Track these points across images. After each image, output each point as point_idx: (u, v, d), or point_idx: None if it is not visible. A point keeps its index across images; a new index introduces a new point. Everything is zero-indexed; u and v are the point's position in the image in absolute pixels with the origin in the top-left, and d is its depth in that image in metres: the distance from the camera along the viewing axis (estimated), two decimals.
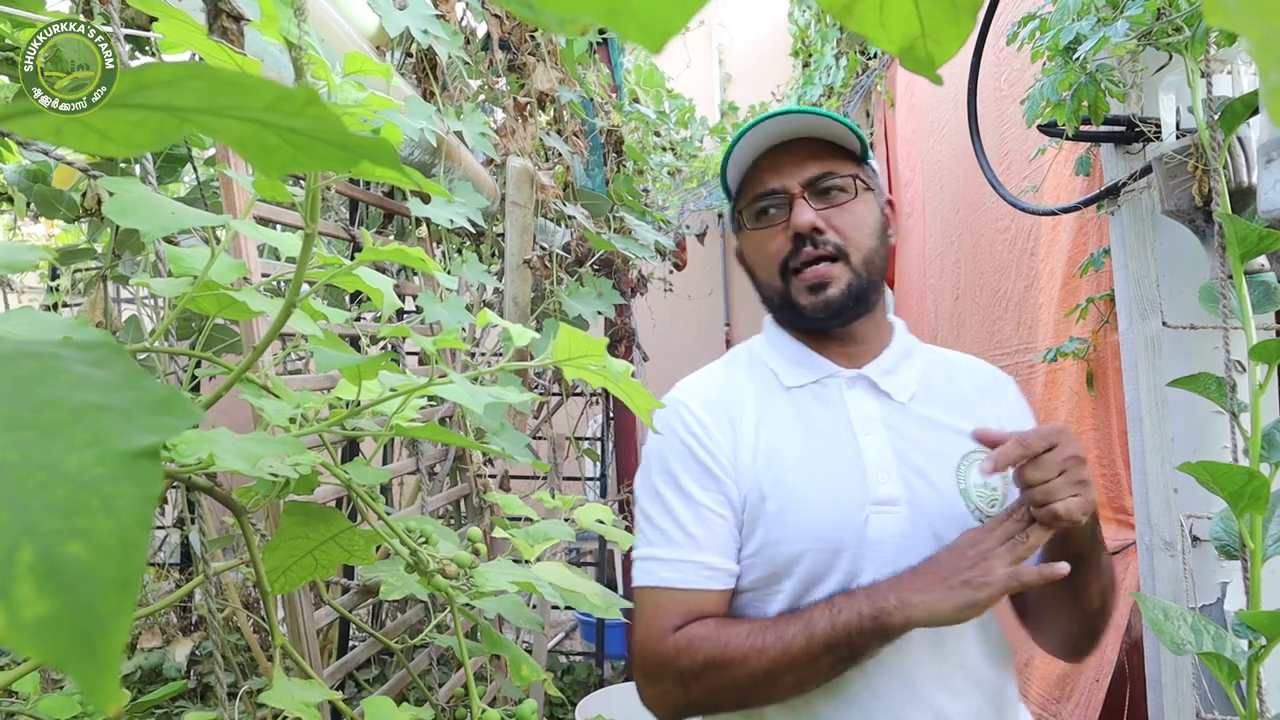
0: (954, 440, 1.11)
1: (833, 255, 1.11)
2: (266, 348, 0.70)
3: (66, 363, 0.31)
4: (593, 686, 3.34)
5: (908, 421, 1.13)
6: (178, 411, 0.31)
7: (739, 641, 1.01)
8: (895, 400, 1.14)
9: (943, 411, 1.14)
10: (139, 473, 0.28)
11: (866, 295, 1.13)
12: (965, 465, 1.10)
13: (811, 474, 1.09)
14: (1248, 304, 1.04)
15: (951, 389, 1.17)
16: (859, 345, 1.18)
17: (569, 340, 0.68)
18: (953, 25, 0.36)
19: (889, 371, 1.16)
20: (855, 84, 4.63)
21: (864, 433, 1.12)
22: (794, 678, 0.99)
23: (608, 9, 0.28)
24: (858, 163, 1.16)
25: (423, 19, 1.51)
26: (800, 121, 1.11)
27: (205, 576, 0.95)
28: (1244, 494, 0.92)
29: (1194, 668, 1.42)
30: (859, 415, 1.13)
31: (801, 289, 1.12)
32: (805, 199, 1.11)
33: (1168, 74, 1.46)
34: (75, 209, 2.12)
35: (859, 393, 1.15)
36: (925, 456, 1.11)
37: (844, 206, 1.12)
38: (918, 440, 1.12)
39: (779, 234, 1.13)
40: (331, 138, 0.35)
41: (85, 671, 0.24)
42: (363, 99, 0.65)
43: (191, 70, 0.31)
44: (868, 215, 1.14)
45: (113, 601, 0.25)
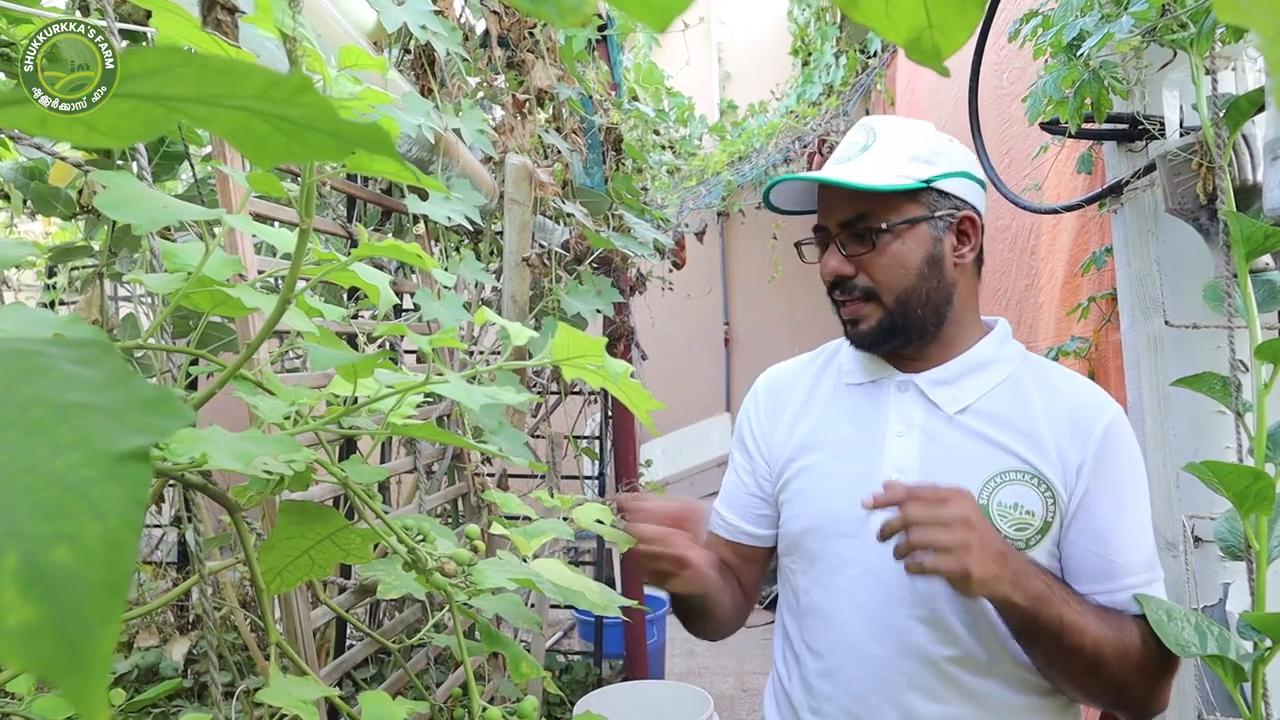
0: (994, 457, 1.11)
1: (861, 298, 1.15)
2: (260, 344, 0.69)
3: (54, 361, 0.30)
4: (591, 686, 3.34)
5: (950, 432, 1.14)
6: (168, 411, 0.30)
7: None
8: (942, 410, 1.15)
9: (995, 428, 1.13)
10: (127, 475, 0.27)
11: (906, 328, 1.15)
12: (996, 484, 1.09)
13: (833, 464, 1.19)
14: (1253, 303, 1.03)
15: (1019, 410, 1.14)
16: (920, 360, 1.20)
17: (567, 340, 0.67)
18: (960, 16, 0.36)
19: (943, 382, 1.17)
20: (855, 82, 4.63)
21: (897, 435, 1.16)
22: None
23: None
24: (912, 195, 1.14)
25: (421, 15, 1.50)
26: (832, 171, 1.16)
27: (200, 576, 0.94)
28: (1249, 494, 0.91)
29: (1196, 669, 1.41)
30: (897, 418, 1.17)
31: (842, 318, 1.19)
32: (838, 243, 1.16)
33: (1171, 71, 1.46)
34: (72, 206, 2.10)
35: (906, 398, 1.18)
36: (953, 467, 1.11)
37: (880, 248, 1.13)
38: (953, 451, 1.12)
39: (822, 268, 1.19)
40: (324, 125, 0.34)
41: (71, 680, 0.23)
42: (358, 93, 0.64)
43: (179, 57, 0.30)
44: (909, 253, 1.14)
45: (100, 607, 0.24)
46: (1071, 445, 1.10)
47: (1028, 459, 1.09)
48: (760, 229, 5.92)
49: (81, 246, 2.20)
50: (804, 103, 5.22)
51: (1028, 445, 1.10)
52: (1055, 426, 1.11)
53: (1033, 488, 1.09)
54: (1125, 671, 1.03)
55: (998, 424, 1.13)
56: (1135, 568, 1.08)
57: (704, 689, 2.62)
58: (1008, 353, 1.19)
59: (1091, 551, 1.09)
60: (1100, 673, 1.03)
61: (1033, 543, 1.08)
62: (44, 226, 3.51)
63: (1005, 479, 1.09)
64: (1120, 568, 1.08)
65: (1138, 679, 1.04)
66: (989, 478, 1.09)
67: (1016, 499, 1.08)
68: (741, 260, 6.21)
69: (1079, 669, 1.03)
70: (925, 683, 1.08)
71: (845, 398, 1.23)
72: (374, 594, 1.40)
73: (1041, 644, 1.02)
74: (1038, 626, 1.00)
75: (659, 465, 5.16)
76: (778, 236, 5.70)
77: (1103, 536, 1.08)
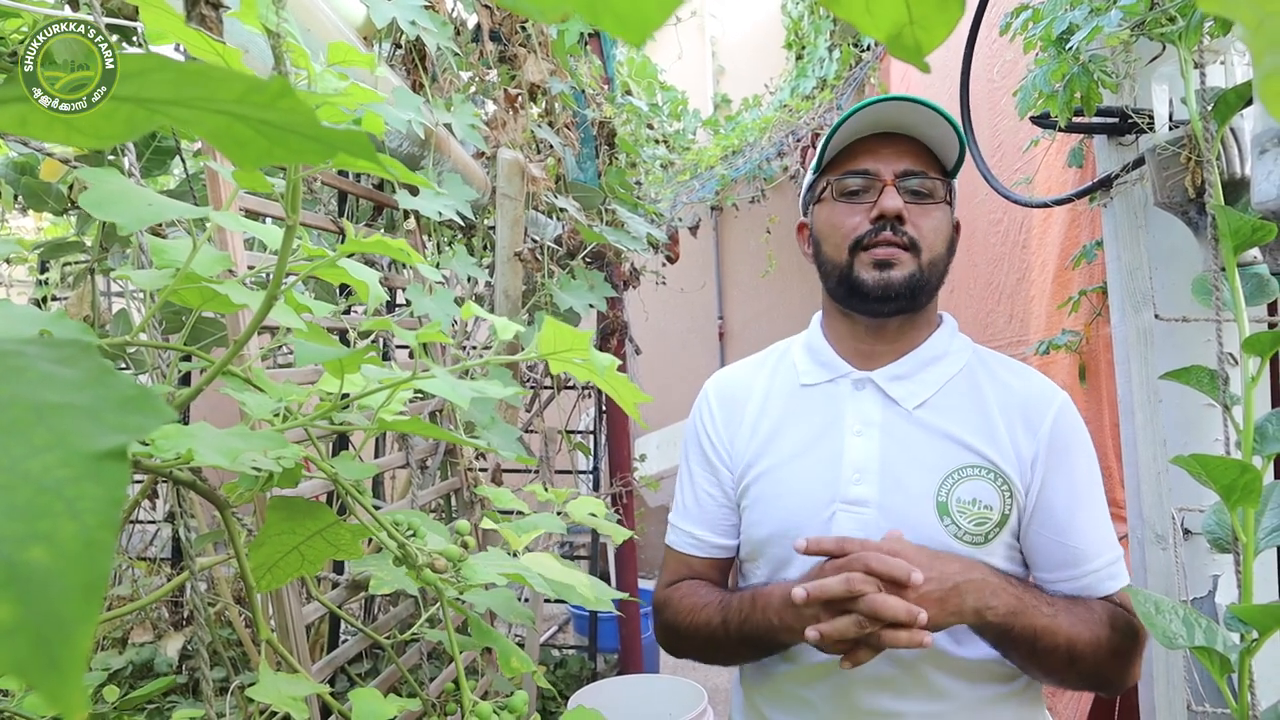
0: (952, 453, 1.12)
1: (906, 245, 1.13)
2: (247, 341, 0.69)
3: (32, 361, 0.30)
4: (586, 680, 3.34)
5: (909, 428, 1.14)
6: (147, 410, 0.30)
7: (690, 616, 1.20)
8: (901, 406, 1.16)
9: (952, 423, 1.14)
10: (105, 474, 0.27)
11: (922, 292, 1.16)
12: (955, 479, 1.11)
13: (792, 467, 1.17)
14: (1240, 296, 1.04)
15: (974, 403, 1.16)
16: (886, 343, 1.19)
17: (554, 334, 0.67)
18: (941, 12, 0.36)
19: (900, 377, 1.17)
20: (849, 76, 4.62)
21: (855, 434, 1.15)
22: (724, 655, 1.19)
23: (586, 1, 0.27)
24: (945, 176, 1.18)
25: (411, 9, 1.49)
26: (916, 115, 1.13)
27: (191, 572, 0.94)
28: (1236, 487, 0.92)
29: (1185, 661, 1.42)
30: (855, 417, 1.16)
31: (868, 263, 1.14)
32: (896, 188, 1.14)
33: (1161, 65, 1.46)
34: (63, 201, 2.10)
35: (864, 395, 1.18)
36: (912, 464, 1.12)
37: (926, 208, 1.15)
38: (912, 447, 1.13)
39: (859, 213, 1.15)
40: (305, 130, 0.34)
41: (47, 679, 0.23)
42: (344, 89, 0.64)
43: (156, 62, 0.30)
44: (944, 224, 1.17)
45: (76, 607, 0.24)
46: (1025, 438, 1.13)
47: (985, 454, 1.11)
48: (754, 223, 5.92)
49: (73, 242, 2.19)
50: (798, 96, 5.21)
51: (984, 440, 1.12)
52: (1008, 420, 1.14)
53: (990, 483, 1.10)
54: (1100, 660, 1.06)
55: (955, 419, 1.14)
56: (1097, 551, 1.12)
57: (698, 683, 2.62)
58: (958, 345, 1.22)
59: (1054, 540, 1.11)
60: (1077, 665, 1.06)
61: (991, 536, 1.10)
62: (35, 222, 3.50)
63: (963, 475, 1.11)
64: (1083, 554, 1.11)
65: (1111, 662, 1.08)
66: (947, 474, 1.11)
67: (975, 494, 1.10)
68: (735, 254, 6.20)
69: (1057, 666, 1.06)
70: (893, 680, 1.09)
71: (801, 399, 1.22)
72: (366, 589, 1.40)
73: (1018, 651, 1.06)
74: (1012, 637, 1.03)
75: (653, 459, 5.16)
76: (771, 230, 5.70)
77: (1063, 526, 1.11)
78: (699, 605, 1.20)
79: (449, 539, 1.09)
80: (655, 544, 6.03)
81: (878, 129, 1.16)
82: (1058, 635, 1.04)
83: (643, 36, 0.27)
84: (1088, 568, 1.11)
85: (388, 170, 0.42)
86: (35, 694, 0.25)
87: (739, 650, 1.16)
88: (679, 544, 1.28)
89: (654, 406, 4.97)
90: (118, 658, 2.52)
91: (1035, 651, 1.04)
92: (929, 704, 1.09)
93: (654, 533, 5.90)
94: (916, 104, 1.11)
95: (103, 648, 2.61)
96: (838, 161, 1.19)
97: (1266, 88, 0.24)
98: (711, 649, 1.18)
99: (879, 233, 1.13)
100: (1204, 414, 1.50)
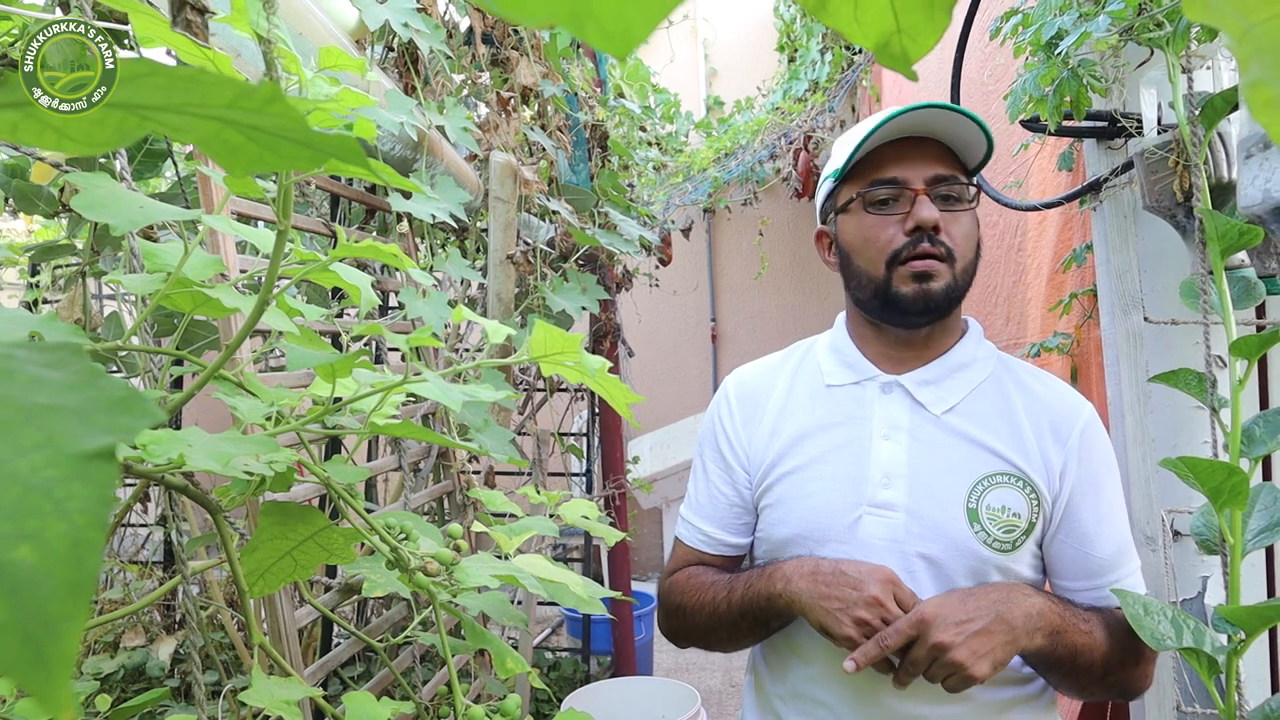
0: (981, 459, 1.11)
1: (942, 256, 1.11)
2: (239, 345, 0.69)
3: (21, 364, 0.31)
4: (579, 682, 3.34)
5: (937, 433, 1.14)
6: (135, 411, 0.30)
7: (694, 595, 1.20)
8: (929, 411, 1.15)
9: (981, 429, 1.13)
10: (93, 474, 0.27)
11: (958, 302, 1.15)
12: (984, 487, 1.10)
13: (818, 469, 1.16)
14: (1228, 299, 1.04)
15: (1002, 410, 1.15)
16: (915, 350, 1.18)
17: (545, 336, 0.67)
18: (928, 21, 0.36)
19: (928, 382, 1.16)
20: (841, 79, 4.63)
21: (883, 437, 1.14)
22: (725, 633, 1.18)
23: (569, 12, 0.27)
24: (970, 177, 1.17)
25: (404, 12, 1.50)
26: (942, 118, 1.10)
27: (183, 576, 0.94)
28: (1224, 489, 0.92)
29: (1174, 661, 1.42)
30: (883, 420, 1.15)
31: (906, 276, 1.12)
32: (929, 196, 1.11)
33: (1149, 69, 1.47)
34: (54, 204, 2.09)
35: (892, 399, 1.17)
36: (941, 469, 1.11)
37: (957, 214, 1.13)
38: (941, 453, 1.12)
39: (893, 224, 1.13)
40: (296, 136, 0.34)
41: (35, 678, 0.23)
42: (335, 94, 0.64)
43: (147, 67, 0.30)
44: (973, 228, 1.15)
45: (64, 606, 0.24)
46: (1053, 448, 1.12)
47: (1013, 461, 1.11)
48: (747, 225, 5.93)
49: (65, 245, 2.18)
50: (790, 99, 5.22)
51: (1012, 448, 1.11)
52: (1037, 429, 1.13)
53: (1018, 490, 1.10)
54: (1127, 669, 1.08)
55: (983, 426, 1.13)
56: (1120, 561, 1.12)
57: (692, 685, 2.62)
58: (985, 352, 1.21)
59: (1079, 551, 1.11)
60: (1108, 678, 1.07)
61: (1019, 544, 1.10)
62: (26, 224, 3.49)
63: (993, 482, 1.10)
64: (1108, 564, 1.11)
65: (1135, 669, 1.09)
66: (977, 480, 1.10)
67: (1004, 502, 1.09)
68: (728, 256, 6.21)
69: (1091, 680, 1.07)
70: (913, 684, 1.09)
71: (827, 400, 1.21)
72: (359, 592, 1.40)
73: (1058, 670, 1.07)
74: (1054, 659, 1.04)
75: (646, 461, 5.16)
76: (763, 233, 5.71)
77: (1088, 537, 1.11)
78: (706, 584, 1.20)
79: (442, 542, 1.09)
80: (648, 546, 6.03)
81: (902, 134, 1.13)
82: (1095, 652, 1.05)
83: (627, 49, 0.27)
84: (1111, 578, 1.11)
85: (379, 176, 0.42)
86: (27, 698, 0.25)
87: (739, 624, 1.15)
88: (689, 538, 1.28)
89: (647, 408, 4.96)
90: (109, 662, 2.51)
91: (1075, 669, 1.05)
92: (947, 707, 1.08)
93: (647, 535, 5.90)
94: (947, 110, 1.08)
95: (94, 652, 2.60)
96: (861, 168, 1.15)
97: (1253, 95, 0.24)
98: (713, 625, 1.18)
99: (916, 244, 1.11)
100: (1193, 416, 1.51)
